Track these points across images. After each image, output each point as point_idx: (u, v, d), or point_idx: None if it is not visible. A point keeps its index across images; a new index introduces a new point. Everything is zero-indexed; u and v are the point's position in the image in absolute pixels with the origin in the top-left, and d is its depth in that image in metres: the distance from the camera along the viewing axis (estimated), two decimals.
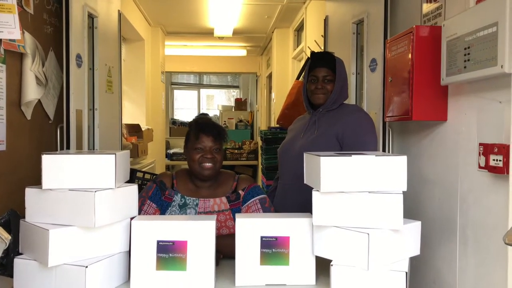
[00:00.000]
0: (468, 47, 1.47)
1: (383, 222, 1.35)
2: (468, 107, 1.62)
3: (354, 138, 1.98)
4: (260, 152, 5.31)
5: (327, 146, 1.93)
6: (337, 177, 1.36)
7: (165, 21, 5.93)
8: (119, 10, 3.03)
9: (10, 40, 1.71)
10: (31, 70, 1.88)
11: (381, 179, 1.37)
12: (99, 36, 2.52)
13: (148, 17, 5.57)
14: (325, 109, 2.08)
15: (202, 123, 1.89)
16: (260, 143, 5.67)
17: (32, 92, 1.89)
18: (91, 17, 2.50)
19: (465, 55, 1.49)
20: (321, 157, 1.36)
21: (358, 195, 1.36)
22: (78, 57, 2.26)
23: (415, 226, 1.46)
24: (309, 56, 2.18)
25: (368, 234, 1.31)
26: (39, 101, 2.01)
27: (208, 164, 1.82)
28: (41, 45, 2.01)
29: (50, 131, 2.16)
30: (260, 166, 6.30)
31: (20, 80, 1.86)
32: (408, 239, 1.42)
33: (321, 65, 2.08)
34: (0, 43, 1.68)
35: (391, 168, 1.37)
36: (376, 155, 1.38)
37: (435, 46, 1.76)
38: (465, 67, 1.50)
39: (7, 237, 1.29)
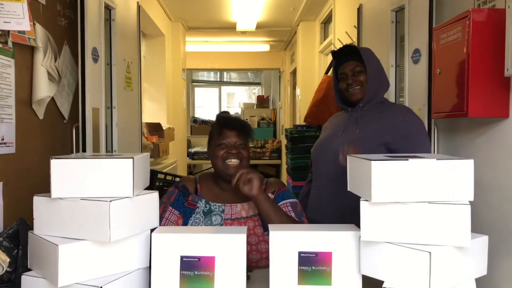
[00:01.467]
0: None
1: (447, 237, 1.14)
2: None
3: (406, 143, 1.77)
4: (284, 151, 5.12)
5: (370, 148, 1.71)
6: (391, 184, 1.16)
7: (186, 16, 5.82)
8: (138, 2, 2.89)
9: (19, 32, 1.56)
10: (42, 65, 1.73)
11: (443, 187, 1.16)
12: (117, 29, 2.38)
13: (168, 11, 5.45)
14: (367, 103, 1.88)
15: (225, 118, 1.77)
16: (284, 141, 5.50)
17: (44, 89, 1.74)
18: (108, 9, 2.37)
19: None
20: (372, 161, 1.16)
21: (416, 205, 1.16)
22: (94, 51, 2.12)
23: (482, 242, 1.25)
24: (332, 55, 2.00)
25: (430, 252, 1.10)
26: (53, 99, 1.87)
27: (234, 161, 1.68)
28: (55, 39, 1.87)
29: (64, 131, 2.02)
30: (284, 166, 6.12)
31: (31, 76, 1.72)
32: (475, 256, 1.21)
33: (346, 59, 1.92)
34: (8, 35, 1.52)
35: (455, 173, 1.17)
36: (437, 159, 1.17)
37: (495, 32, 1.55)
38: None
39: (5, 259, 1.14)
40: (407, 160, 1.17)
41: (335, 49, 2.07)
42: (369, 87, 1.87)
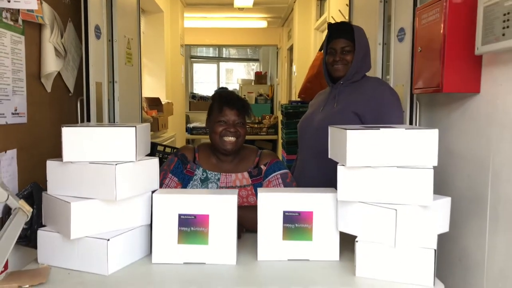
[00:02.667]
0: (508, 13, 1.37)
1: (412, 198, 1.30)
2: (504, 78, 1.53)
3: (377, 113, 1.90)
4: (280, 126, 5.25)
5: (345, 122, 1.85)
6: (364, 151, 1.31)
7: None
8: None
9: (28, 10, 1.68)
10: (50, 41, 1.85)
11: (410, 153, 1.31)
12: (118, 6, 2.47)
13: None
14: (346, 81, 2.01)
15: (226, 96, 1.85)
16: (280, 117, 5.61)
17: (51, 64, 1.86)
18: None
19: (504, 21, 1.39)
20: (347, 131, 1.30)
21: (386, 169, 1.31)
22: (97, 28, 2.23)
23: (445, 202, 1.40)
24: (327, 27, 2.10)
25: (396, 210, 1.26)
26: (59, 74, 1.99)
27: (231, 138, 1.79)
28: (60, 17, 1.98)
29: (70, 104, 2.15)
30: (280, 141, 6.26)
31: (39, 51, 1.84)
32: (437, 215, 1.37)
33: (339, 36, 2.01)
34: (18, 13, 1.64)
35: (421, 142, 1.31)
36: (405, 128, 1.32)
37: (469, 13, 1.65)
38: (503, 34, 1.40)
39: (28, 209, 1.29)
40: (379, 129, 1.31)
41: (331, 23, 2.15)
42: (352, 67, 1.98)
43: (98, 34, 2.25)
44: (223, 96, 1.85)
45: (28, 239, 1.47)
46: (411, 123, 2.14)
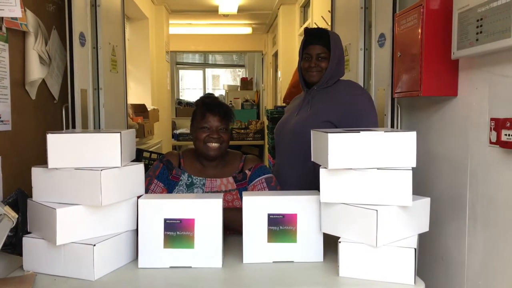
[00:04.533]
0: (481, 19, 1.43)
1: (392, 198, 1.33)
2: (480, 82, 1.58)
3: (351, 118, 1.92)
4: (266, 131, 5.29)
5: (317, 125, 1.86)
6: (345, 153, 1.34)
7: None
8: None
9: (12, 18, 1.68)
10: (34, 49, 1.86)
11: (390, 155, 1.35)
12: (102, 14, 2.48)
13: None
14: (320, 87, 2.04)
15: (209, 103, 1.87)
16: (266, 122, 5.64)
17: (36, 71, 1.87)
18: None
19: (477, 27, 1.45)
20: (328, 134, 1.34)
21: (366, 171, 1.35)
22: (82, 35, 2.24)
23: (424, 203, 1.44)
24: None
25: (377, 210, 1.30)
26: (43, 81, 1.99)
27: (214, 144, 1.81)
28: (44, 24, 1.98)
29: (55, 111, 2.15)
30: (266, 146, 6.29)
31: (23, 59, 1.84)
32: (417, 215, 1.41)
33: (315, 42, 2.04)
34: (2, 21, 1.65)
35: (400, 144, 1.35)
36: (385, 131, 1.36)
37: (446, 19, 1.70)
38: (477, 39, 1.45)
39: (14, 215, 1.29)
40: (359, 132, 1.35)
41: (308, 28, 2.18)
42: (326, 74, 2.01)
43: (83, 41, 2.26)
44: (206, 103, 1.86)
45: (13, 247, 1.47)
46: (392, 126, 2.18)
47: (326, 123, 1.94)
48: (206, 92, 10.36)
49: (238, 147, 6.96)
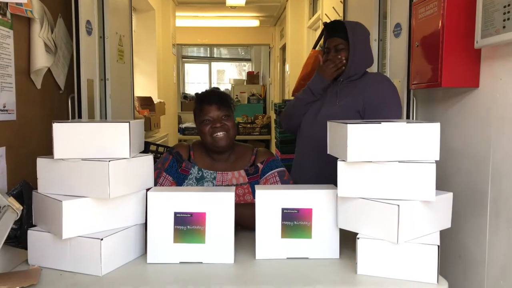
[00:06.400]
0: (508, 5, 1.35)
1: (414, 193, 1.27)
2: (505, 72, 1.51)
3: (376, 108, 1.90)
4: (273, 125, 5.23)
5: (347, 117, 1.84)
6: (365, 145, 1.28)
7: None
8: None
9: (17, 3, 1.62)
10: (40, 36, 1.80)
11: (412, 148, 1.28)
12: (109, 2, 2.42)
13: None
14: (346, 79, 2.00)
15: (203, 94, 1.84)
16: (273, 116, 5.59)
17: (41, 59, 1.81)
18: None
19: (504, 13, 1.37)
20: (348, 125, 1.27)
21: (387, 164, 1.28)
22: (88, 24, 2.18)
23: (447, 198, 1.38)
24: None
25: (398, 205, 1.23)
26: (49, 70, 1.93)
27: (220, 134, 1.75)
28: (49, 11, 1.92)
29: (61, 101, 2.09)
30: (273, 141, 6.23)
31: (28, 47, 1.78)
32: (440, 211, 1.35)
33: (332, 35, 2.04)
34: (7, 7, 1.59)
35: (423, 136, 1.29)
36: (407, 122, 1.29)
37: (468, 7, 1.63)
38: (504, 27, 1.38)
39: (18, 207, 1.24)
40: (380, 123, 1.28)
41: (326, 22, 2.17)
42: (349, 65, 1.98)
43: (89, 30, 2.20)
44: (200, 96, 1.84)
45: (18, 240, 1.42)
46: (408, 119, 2.12)
47: (352, 110, 1.92)
48: (212, 86, 10.30)
49: (244, 142, 6.90)
